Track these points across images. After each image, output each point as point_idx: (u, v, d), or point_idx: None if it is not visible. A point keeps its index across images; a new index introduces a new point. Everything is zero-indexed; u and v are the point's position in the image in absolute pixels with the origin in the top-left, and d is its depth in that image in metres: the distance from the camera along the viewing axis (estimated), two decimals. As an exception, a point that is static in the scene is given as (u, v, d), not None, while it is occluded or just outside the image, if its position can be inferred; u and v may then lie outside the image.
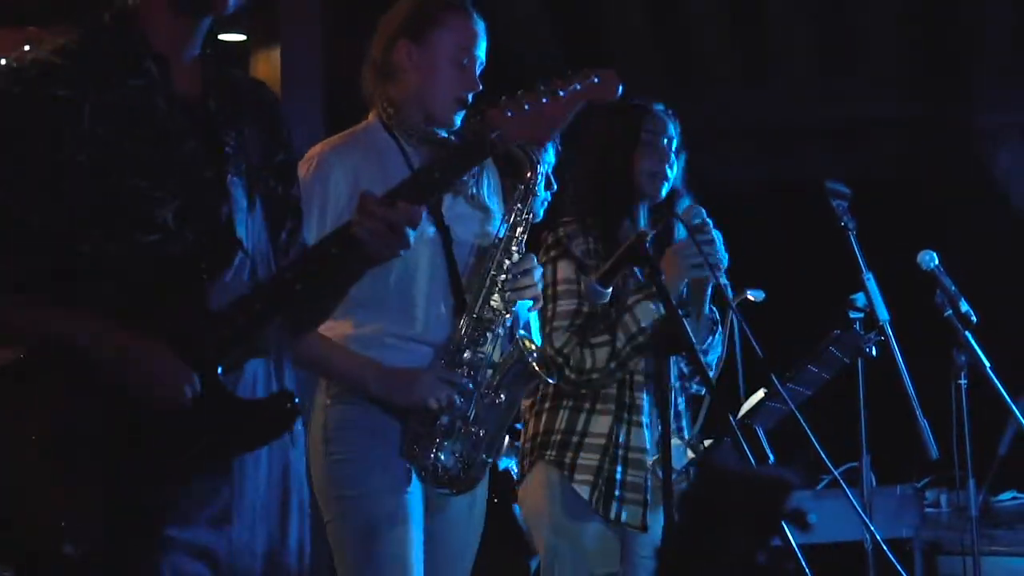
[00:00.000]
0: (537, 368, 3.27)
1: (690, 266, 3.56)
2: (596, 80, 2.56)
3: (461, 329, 3.22)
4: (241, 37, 6.32)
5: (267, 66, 6.28)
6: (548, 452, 3.63)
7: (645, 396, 3.63)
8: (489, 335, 3.24)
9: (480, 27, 3.33)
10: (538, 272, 3.32)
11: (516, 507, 4.17)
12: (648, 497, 3.58)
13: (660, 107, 3.80)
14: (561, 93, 2.51)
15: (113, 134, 2.31)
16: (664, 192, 3.74)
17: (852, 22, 7.44)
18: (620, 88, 2.64)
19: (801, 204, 3.86)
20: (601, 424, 3.60)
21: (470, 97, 3.29)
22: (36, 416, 2.26)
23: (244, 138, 2.47)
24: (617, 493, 3.56)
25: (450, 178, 2.51)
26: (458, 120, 3.30)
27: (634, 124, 3.74)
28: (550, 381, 3.46)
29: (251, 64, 6.40)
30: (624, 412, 3.61)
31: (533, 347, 3.30)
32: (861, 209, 3.77)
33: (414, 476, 3.20)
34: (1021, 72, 7.35)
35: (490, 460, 3.26)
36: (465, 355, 3.22)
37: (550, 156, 3.89)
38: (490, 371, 3.25)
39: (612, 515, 3.56)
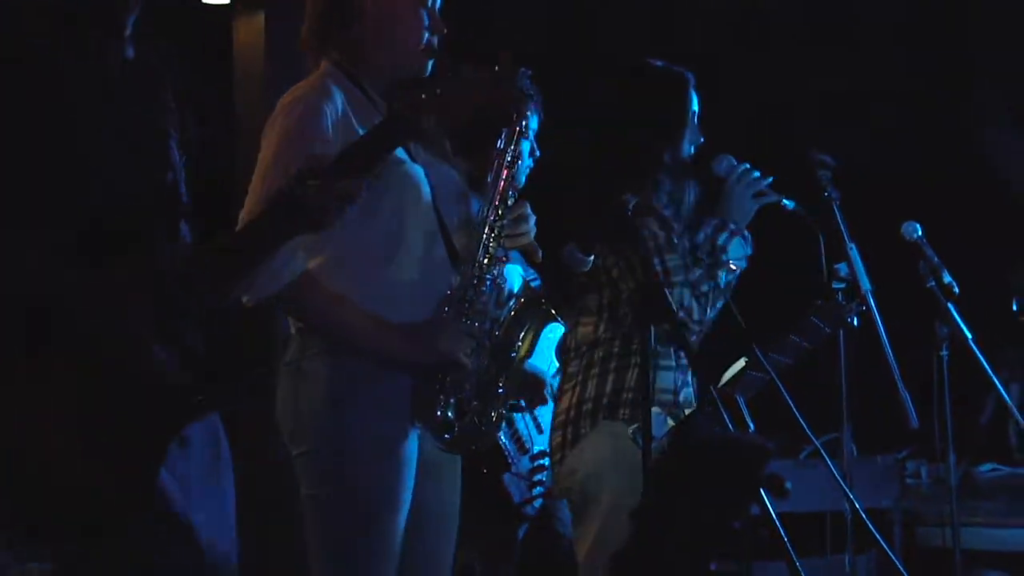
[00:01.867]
0: (551, 310, 3.23)
1: (753, 196, 3.64)
2: (497, 70, 2.66)
3: (461, 279, 3.14)
4: (224, 0, 6.27)
5: (250, 31, 6.22)
6: (622, 411, 3.59)
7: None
8: (489, 283, 3.16)
9: None
10: (532, 219, 3.26)
11: (506, 476, 4.13)
12: None
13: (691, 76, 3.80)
14: (467, 80, 2.56)
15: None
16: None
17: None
18: (525, 79, 2.81)
19: (785, 172, 3.85)
20: (665, 379, 3.60)
21: (436, 41, 3.20)
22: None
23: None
24: None
25: (383, 153, 2.51)
26: (428, 66, 3.20)
27: (687, 94, 3.73)
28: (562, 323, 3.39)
29: (233, 29, 6.34)
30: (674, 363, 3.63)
31: (535, 294, 3.28)
32: (846, 180, 3.77)
33: (415, 441, 3.10)
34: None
35: (504, 415, 3.19)
36: (467, 306, 3.13)
37: (533, 123, 3.87)
38: (489, 323, 3.17)
39: None
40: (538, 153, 3.67)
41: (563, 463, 3.65)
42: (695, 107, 3.76)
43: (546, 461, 4.17)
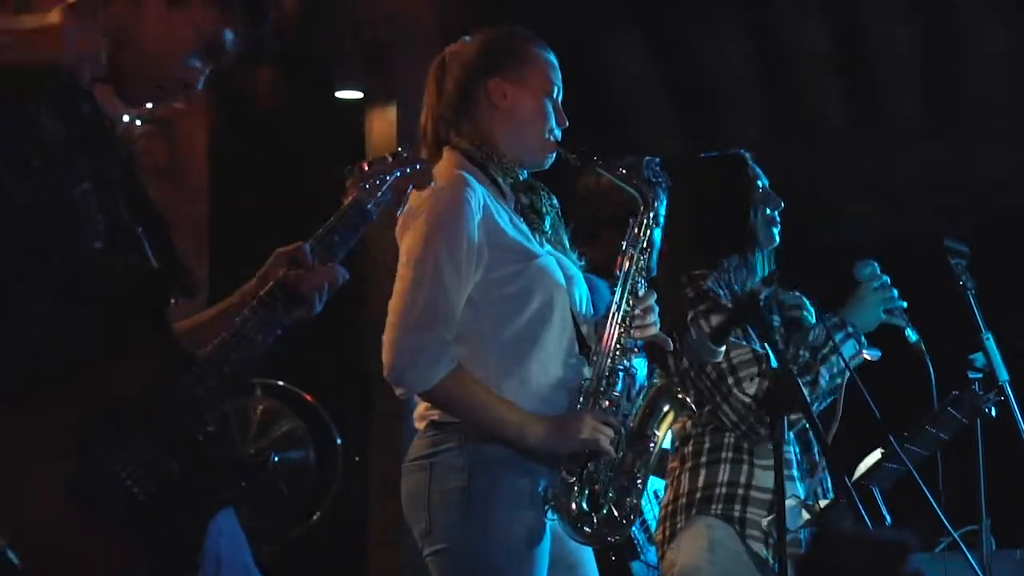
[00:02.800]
0: (686, 399, 3.23)
1: (884, 311, 3.60)
2: (419, 167, 2.74)
3: (594, 371, 3.15)
4: (358, 95, 6.42)
5: (383, 123, 6.37)
6: (714, 507, 3.57)
7: (793, 448, 3.60)
8: (621, 374, 3.16)
9: (555, 60, 3.28)
10: (657, 310, 3.25)
11: (635, 564, 4.12)
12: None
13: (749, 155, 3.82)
14: (398, 172, 2.66)
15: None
16: (777, 238, 3.74)
17: (961, 73, 7.39)
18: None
19: (915, 260, 3.83)
20: (764, 479, 3.55)
21: (559, 133, 3.25)
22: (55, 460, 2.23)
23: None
24: None
25: (348, 243, 2.58)
26: (552, 158, 3.25)
27: (745, 171, 3.75)
28: (693, 410, 3.39)
29: (367, 121, 6.50)
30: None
31: (672, 383, 3.28)
32: (975, 264, 3.74)
33: (548, 535, 3.09)
34: None
35: (639, 505, 3.17)
36: (602, 399, 3.13)
37: (663, 210, 3.90)
38: (623, 415, 3.17)
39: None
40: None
41: (665, 557, 3.65)
42: (762, 181, 3.77)
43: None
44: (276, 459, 2.27)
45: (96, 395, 2.27)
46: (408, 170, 2.68)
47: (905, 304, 3.64)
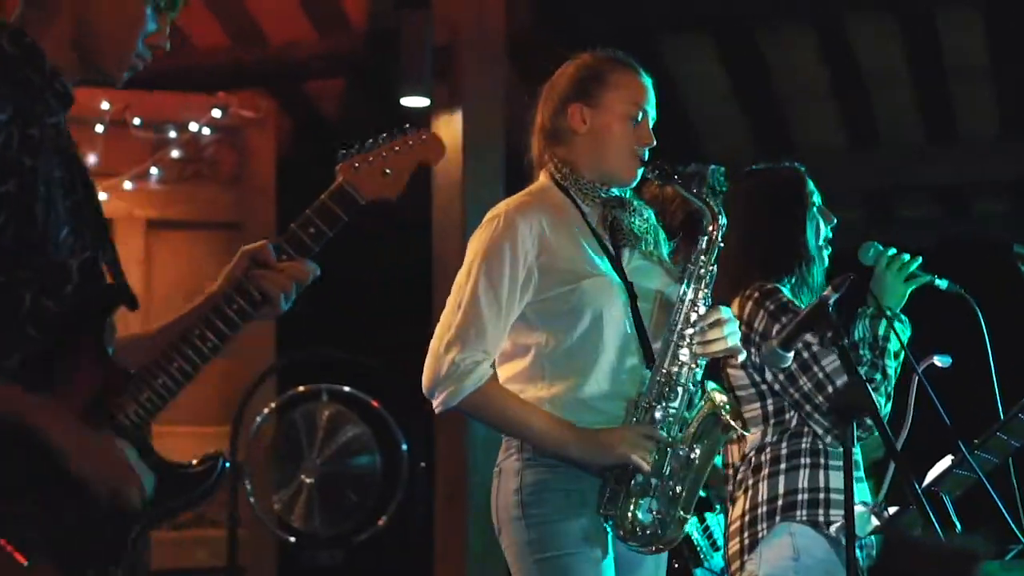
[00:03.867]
0: (730, 420, 3.25)
1: (905, 280, 3.61)
2: (424, 138, 2.63)
3: (651, 385, 3.23)
4: (424, 102, 6.45)
5: (449, 130, 6.39)
6: (799, 512, 3.56)
7: (858, 450, 3.59)
8: (680, 390, 3.23)
9: (648, 82, 3.37)
10: (732, 325, 3.28)
11: (698, 572, 4.12)
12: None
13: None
14: (397, 149, 2.57)
15: (38, 170, 2.34)
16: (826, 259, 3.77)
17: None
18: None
19: (984, 264, 3.80)
20: (836, 480, 3.54)
21: (646, 153, 3.33)
22: None
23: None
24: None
25: (325, 234, 2.55)
26: (638, 176, 3.34)
27: (803, 186, 3.76)
28: (745, 434, 3.42)
29: (432, 128, 6.52)
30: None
31: (723, 400, 3.28)
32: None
33: (609, 537, 3.20)
34: None
35: (687, 518, 3.24)
36: (657, 412, 3.21)
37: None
38: (679, 428, 3.24)
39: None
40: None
41: (744, 569, 3.62)
42: (816, 198, 3.77)
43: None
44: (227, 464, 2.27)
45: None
46: (411, 144, 2.59)
47: (920, 259, 3.63)
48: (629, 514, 3.18)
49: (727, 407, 3.27)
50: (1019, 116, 7.59)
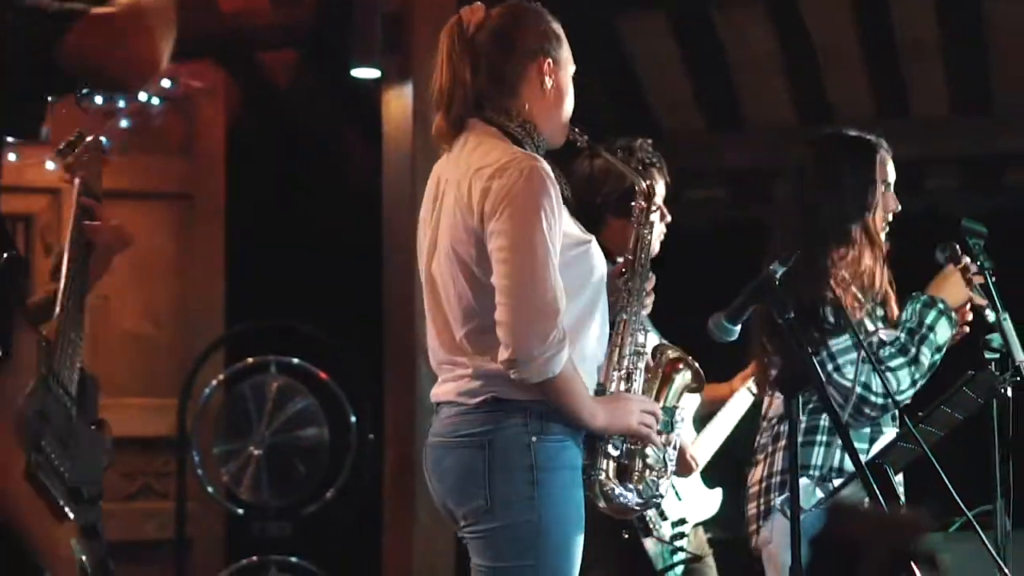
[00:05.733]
0: (693, 364, 3.30)
1: (970, 289, 3.71)
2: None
3: (611, 347, 3.23)
4: (375, 73, 6.42)
5: (399, 103, 6.38)
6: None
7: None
8: (631, 351, 3.25)
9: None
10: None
11: (647, 540, 4.16)
12: None
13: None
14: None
15: None
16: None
17: (985, 58, 7.39)
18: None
19: (930, 239, 3.83)
20: (849, 463, 3.55)
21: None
22: None
23: None
24: None
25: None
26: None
27: (878, 164, 3.79)
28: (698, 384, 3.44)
29: (383, 100, 6.50)
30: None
31: (676, 353, 3.33)
32: (994, 245, 3.75)
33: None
34: None
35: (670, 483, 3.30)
36: (635, 379, 3.25)
37: (660, 187, 3.92)
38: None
39: None
40: (668, 218, 3.65)
41: (759, 533, 3.72)
42: (889, 175, 3.80)
43: (686, 528, 4.21)
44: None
45: None
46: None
47: (993, 279, 3.70)
48: (602, 475, 3.15)
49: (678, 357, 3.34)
50: (971, 92, 7.64)
